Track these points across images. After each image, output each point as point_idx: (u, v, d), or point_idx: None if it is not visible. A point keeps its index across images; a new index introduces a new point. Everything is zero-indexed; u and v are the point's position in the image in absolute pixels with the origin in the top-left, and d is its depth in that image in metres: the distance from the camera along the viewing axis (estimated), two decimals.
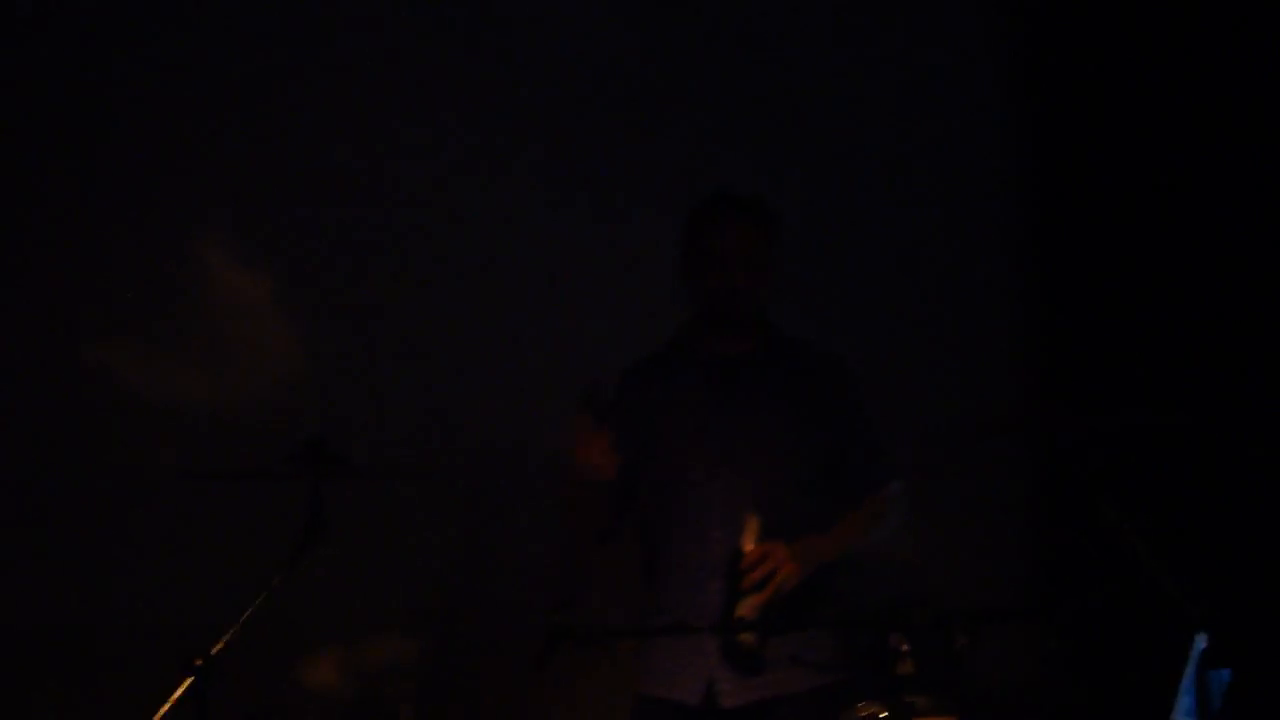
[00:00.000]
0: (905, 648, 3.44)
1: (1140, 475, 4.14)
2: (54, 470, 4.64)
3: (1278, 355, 4.69)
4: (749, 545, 3.75)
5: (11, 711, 4.50)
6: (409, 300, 4.90)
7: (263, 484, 4.09)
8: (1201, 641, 3.41)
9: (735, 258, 3.91)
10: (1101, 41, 5.02)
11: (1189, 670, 3.43)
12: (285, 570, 3.58)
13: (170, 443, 4.61)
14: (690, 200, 4.06)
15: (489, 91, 4.95)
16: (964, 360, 5.05)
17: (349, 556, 4.48)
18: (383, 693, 4.74)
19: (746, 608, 3.71)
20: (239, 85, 4.78)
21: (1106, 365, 4.94)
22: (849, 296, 3.90)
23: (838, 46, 5.10)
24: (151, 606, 4.57)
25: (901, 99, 5.14)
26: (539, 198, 4.91)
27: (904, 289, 5.05)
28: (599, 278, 4.05)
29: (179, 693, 3.36)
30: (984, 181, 5.21)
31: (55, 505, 4.62)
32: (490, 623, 4.79)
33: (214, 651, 3.42)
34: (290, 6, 4.85)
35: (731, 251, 3.91)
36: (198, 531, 4.63)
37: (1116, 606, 4.36)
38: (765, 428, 3.92)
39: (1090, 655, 4.73)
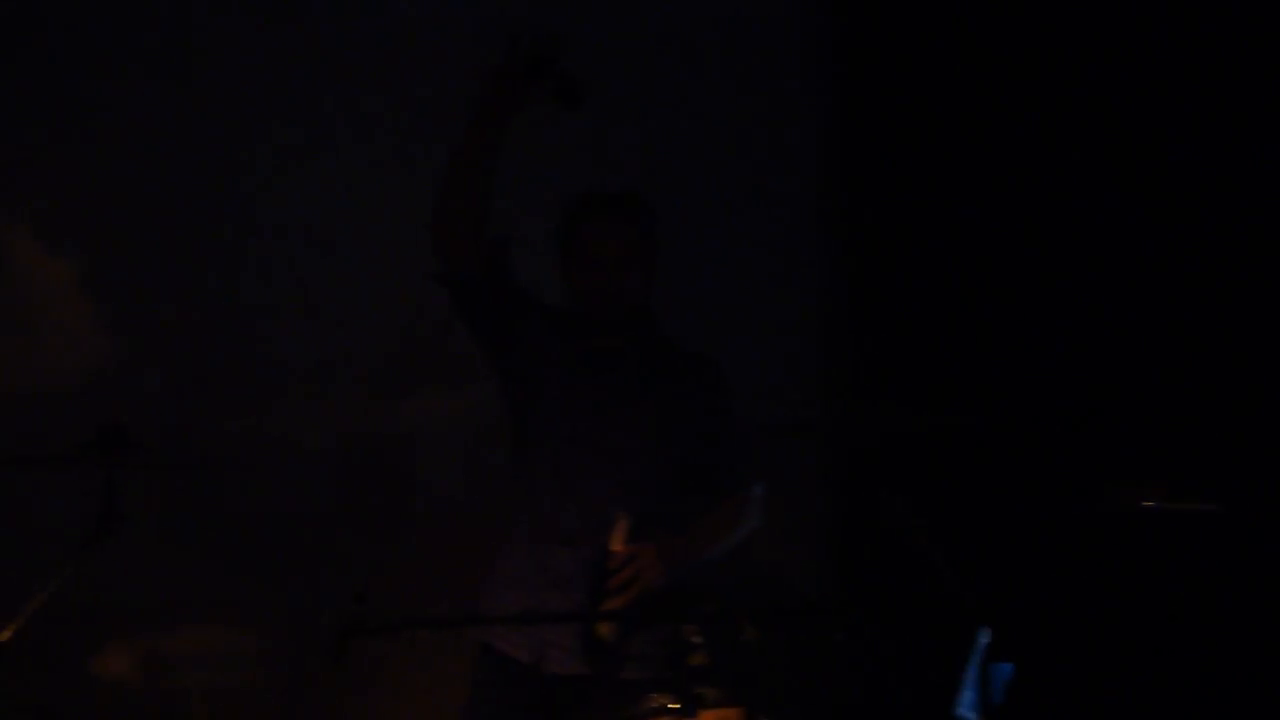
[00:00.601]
0: (697, 640, 3.48)
1: (930, 475, 4.22)
2: None
3: (1074, 360, 4.80)
4: (618, 545, 3.71)
5: None
6: (221, 285, 4.85)
7: (61, 473, 4.03)
8: (984, 636, 3.50)
9: (610, 259, 3.85)
10: (915, 36, 5.08)
11: (972, 664, 3.52)
12: (76, 560, 3.54)
13: None
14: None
15: (302, 70, 4.92)
16: (764, 361, 5.11)
17: (148, 547, 4.45)
18: (175, 685, 4.71)
19: (611, 607, 3.69)
20: (44, 62, 4.70)
21: (902, 368, 5.02)
22: (653, 296, 3.92)
23: (634, 32, 5.13)
24: None
25: (707, 96, 5.18)
26: (355, 177, 4.89)
27: (705, 289, 5.09)
28: (424, 261, 3.99)
29: None
30: (792, 178, 5.27)
31: None
32: (291, 614, 4.76)
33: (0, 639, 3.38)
34: None
35: (605, 252, 3.85)
36: None
37: (904, 602, 4.45)
38: (633, 424, 3.88)
39: (878, 649, 4.81)
